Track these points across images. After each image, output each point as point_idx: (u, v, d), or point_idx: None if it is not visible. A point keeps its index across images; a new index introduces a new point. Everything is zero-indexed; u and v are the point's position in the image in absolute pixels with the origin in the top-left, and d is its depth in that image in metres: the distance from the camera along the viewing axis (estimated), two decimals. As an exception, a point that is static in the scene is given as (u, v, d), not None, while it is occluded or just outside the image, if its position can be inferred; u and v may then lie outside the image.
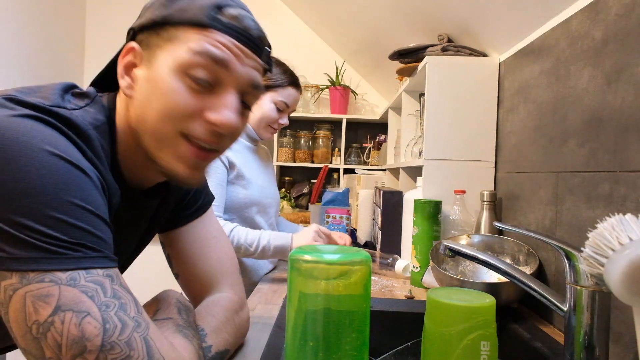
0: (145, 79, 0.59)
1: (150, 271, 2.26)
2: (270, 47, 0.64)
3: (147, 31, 0.60)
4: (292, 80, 1.43)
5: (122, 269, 0.78)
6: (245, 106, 0.63)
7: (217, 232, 0.82)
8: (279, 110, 1.42)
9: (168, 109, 0.57)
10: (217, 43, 0.57)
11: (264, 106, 1.40)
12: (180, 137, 0.58)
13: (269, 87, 1.39)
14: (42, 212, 0.46)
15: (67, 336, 0.45)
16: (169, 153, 0.59)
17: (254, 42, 0.61)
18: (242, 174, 1.35)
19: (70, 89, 0.61)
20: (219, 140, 0.60)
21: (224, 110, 0.58)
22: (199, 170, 0.61)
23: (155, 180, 0.69)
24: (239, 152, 1.38)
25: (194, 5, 0.58)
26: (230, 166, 1.33)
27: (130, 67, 0.61)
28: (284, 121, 1.45)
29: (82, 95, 0.61)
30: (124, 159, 0.63)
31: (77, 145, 0.53)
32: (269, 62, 0.65)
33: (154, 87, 0.58)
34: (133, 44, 0.61)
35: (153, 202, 0.72)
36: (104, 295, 0.47)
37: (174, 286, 1.40)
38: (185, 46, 0.57)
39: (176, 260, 0.79)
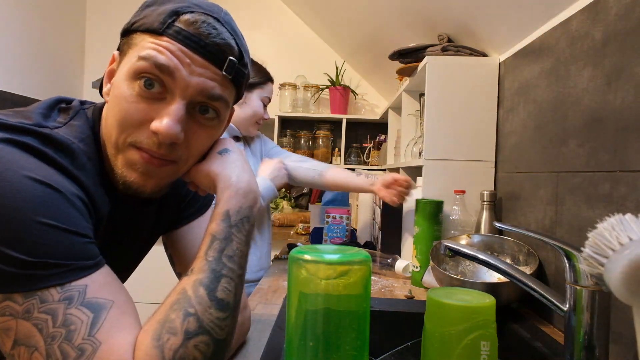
0: (113, 85, 0.61)
1: (151, 271, 2.25)
2: (238, 59, 0.61)
3: (122, 38, 0.62)
4: (269, 77, 1.50)
5: (127, 272, 0.79)
6: (206, 114, 0.61)
7: None
8: (264, 106, 1.48)
9: (120, 116, 0.57)
10: (163, 49, 0.56)
11: (254, 104, 1.45)
12: (131, 147, 0.58)
13: (254, 85, 1.44)
14: (1, 234, 0.46)
15: None
16: (122, 161, 0.59)
17: (209, 50, 0.58)
18: None
19: (56, 105, 0.62)
20: (168, 152, 0.58)
21: (165, 119, 0.56)
22: (151, 177, 0.59)
23: None
24: None
25: (155, 12, 0.58)
26: None
27: (111, 74, 0.63)
28: (268, 116, 1.51)
29: (67, 110, 0.62)
30: (111, 170, 0.63)
31: (54, 162, 0.53)
32: (238, 74, 0.62)
33: (114, 93, 0.59)
34: (116, 51, 0.63)
35: (150, 209, 0.72)
36: (53, 326, 0.47)
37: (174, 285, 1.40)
38: (135, 52, 0.57)
39: (178, 259, 0.80)
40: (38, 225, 0.47)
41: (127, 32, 0.60)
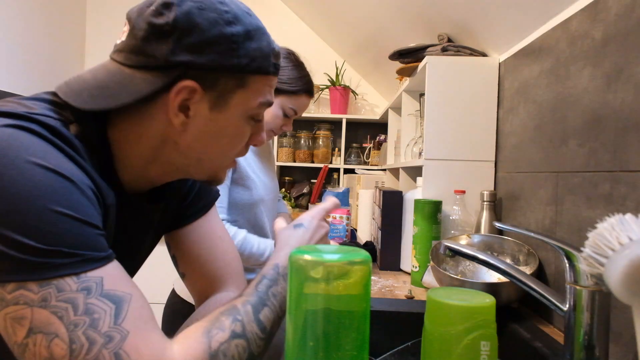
0: (210, 120, 0.61)
1: (151, 271, 2.25)
2: None
3: (212, 72, 0.58)
4: (308, 88, 1.27)
5: (133, 273, 0.78)
6: None
7: (222, 232, 0.82)
8: (286, 116, 1.26)
9: (235, 148, 0.65)
10: (271, 89, 0.65)
11: (271, 111, 1.22)
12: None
13: (281, 92, 1.22)
14: (15, 221, 0.45)
15: (39, 358, 0.45)
16: (215, 170, 0.68)
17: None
18: (247, 174, 1.28)
19: (52, 98, 0.59)
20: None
21: (262, 134, 0.68)
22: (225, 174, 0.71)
23: (158, 182, 0.69)
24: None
25: (259, 52, 0.62)
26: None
27: (186, 104, 0.59)
28: (288, 128, 1.31)
29: (64, 107, 0.59)
30: (122, 167, 0.62)
31: (61, 149, 0.52)
32: None
33: (223, 129, 0.63)
34: (193, 84, 0.57)
35: (157, 207, 0.72)
36: (75, 314, 0.46)
37: (171, 285, 1.40)
38: (253, 95, 0.62)
39: (182, 260, 0.79)
40: (52, 213, 0.47)
41: (229, 70, 0.59)
